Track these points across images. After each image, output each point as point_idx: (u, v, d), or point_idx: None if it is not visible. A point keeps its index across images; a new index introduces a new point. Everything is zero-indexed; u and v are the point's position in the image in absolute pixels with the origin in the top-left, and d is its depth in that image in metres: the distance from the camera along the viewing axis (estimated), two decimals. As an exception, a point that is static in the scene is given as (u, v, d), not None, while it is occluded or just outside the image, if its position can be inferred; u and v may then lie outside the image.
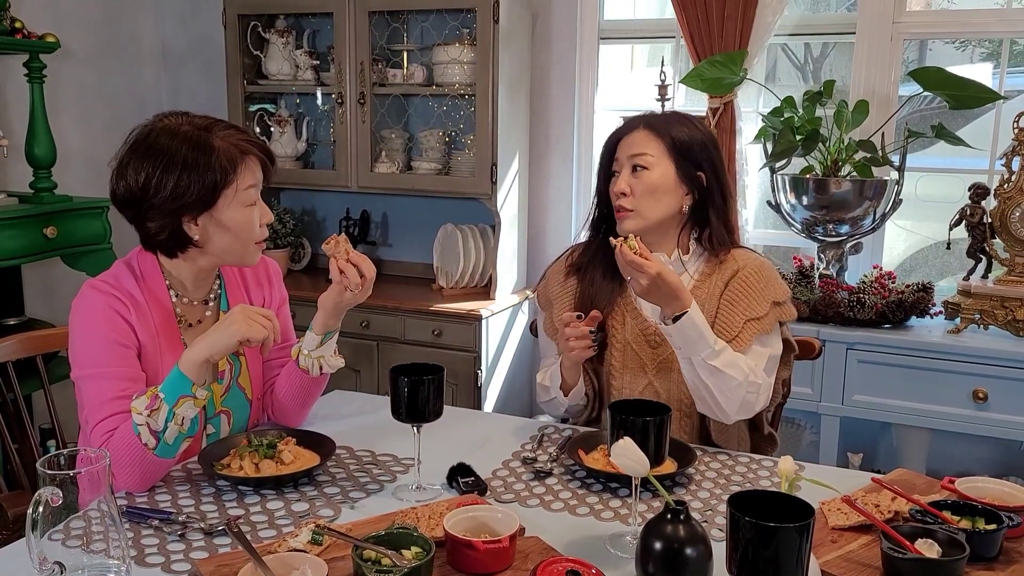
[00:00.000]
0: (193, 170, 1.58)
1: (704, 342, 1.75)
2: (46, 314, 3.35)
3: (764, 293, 1.87)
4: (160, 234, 1.64)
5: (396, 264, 3.85)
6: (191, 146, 1.60)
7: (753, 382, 1.79)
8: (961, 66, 3.32)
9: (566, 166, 3.62)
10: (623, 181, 1.88)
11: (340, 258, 1.68)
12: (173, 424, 1.50)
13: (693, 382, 1.80)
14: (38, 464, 1.11)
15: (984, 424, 2.76)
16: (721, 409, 1.80)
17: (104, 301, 1.62)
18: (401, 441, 1.72)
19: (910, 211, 3.27)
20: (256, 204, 1.68)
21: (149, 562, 1.30)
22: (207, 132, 1.62)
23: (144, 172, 1.59)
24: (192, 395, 1.51)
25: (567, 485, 1.62)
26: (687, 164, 1.88)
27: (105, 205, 3.13)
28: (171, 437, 1.51)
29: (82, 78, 3.63)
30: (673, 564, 1.23)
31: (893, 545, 1.26)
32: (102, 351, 1.59)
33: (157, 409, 1.49)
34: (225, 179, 1.61)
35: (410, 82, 3.45)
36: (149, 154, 1.60)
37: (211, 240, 1.66)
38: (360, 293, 1.71)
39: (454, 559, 1.27)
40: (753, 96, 3.41)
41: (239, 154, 1.63)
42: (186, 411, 1.51)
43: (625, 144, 1.91)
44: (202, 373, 1.52)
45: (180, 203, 1.60)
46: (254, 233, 1.69)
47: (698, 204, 1.91)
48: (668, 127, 1.89)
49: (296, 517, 1.46)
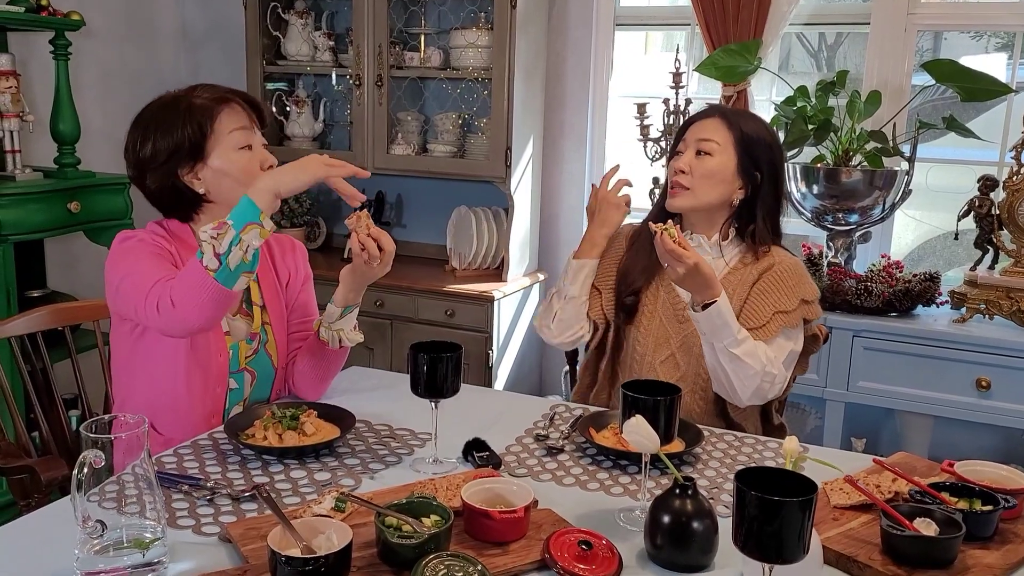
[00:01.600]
0: (169, 125, 1.69)
1: (728, 330, 1.82)
2: (67, 287, 3.41)
3: (795, 289, 1.94)
4: (166, 192, 1.72)
5: (410, 245, 3.90)
6: (164, 106, 1.72)
7: (770, 372, 1.86)
8: (976, 56, 3.34)
9: (579, 151, 3.66)
10: (684, 160, 1.96)
11: (361, 232, 1.73)
12: (237, 249, 1.51)
13: (713, 365, 1.89)
14: (81, 428, 1.17)
15: (987, 412, 2.81)
16: (736, 393, 1.88)
17: (144, 235, 1.72)
18: (418, 416, 1.78)
19: (920, 201, 3.30)
20: (252, 148, 1.75)
21: (181, 524, 1.37)
22: (186, 93, 1.73)
23: (132, 142, 1.73)
24: (260, 223, 1.53)
25: (578, 461, 1.67)
26: (748, 160, 1.95)
27: (126, 181, 3.18)
28: (233, 262, 1.52)
29: (104, 57, 3.67)
30: (681, 536, 1.29)
31: (892, 523, 1.31)
32: (144, 259, 1.66)
33: (224, 233, 1.52)
34: (202, 126, 1.70)
35: (427, 65, 3.50)
36: (137, 124, 1.73)
37: (216, 190, 1.73)
38: (380, 267, 1.75)
39: (471, 528, 1.33)
40: (766, 85, 3.44)
41: (215, 104, 1.72)
42: (252, 239, 1.52)
43: (696, 128, 1.99)
44: (272, 204, 1.55)
45: (168, 159, 1.69)
46: (255, 175, 1.71)
47: (748, 200, 1.98)
48: (740, 121, 1.98)
49: (319, 485, 1.52)
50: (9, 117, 2.91)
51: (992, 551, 1.34)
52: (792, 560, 1.05)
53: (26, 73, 3.13)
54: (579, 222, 3.70)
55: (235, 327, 1.81)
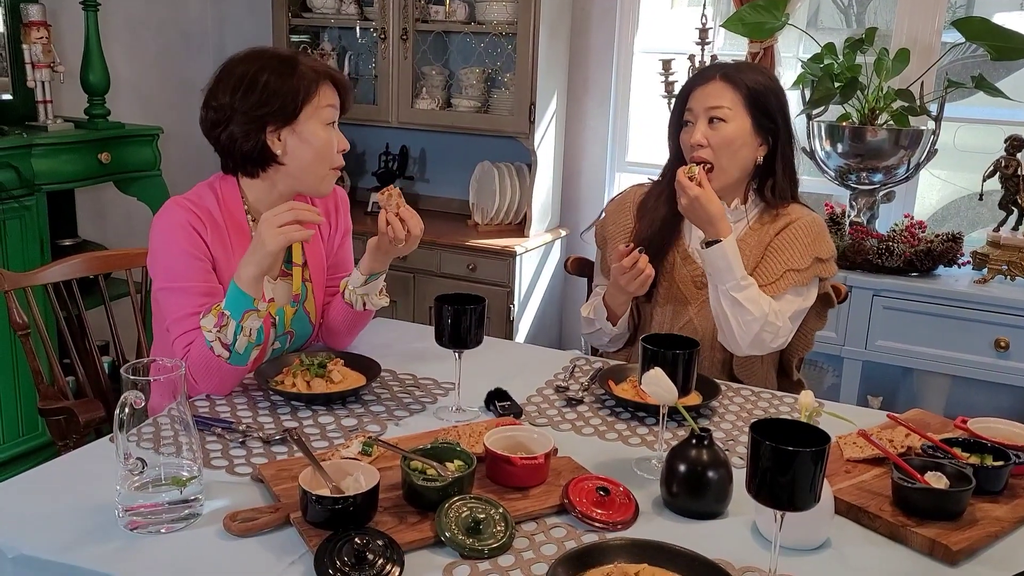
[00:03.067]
0: (278, 82, 1.71)
1: (731, 273, 1.84)
2: (98, 236, 3.48)
3: (810, 247, 1.93)
4: (246, 144, 1.73)
5: (433, 199, 3.93)
6: (276, 64, 1.73)
7: (772, 323, 1.87)
8: (1011, 12, 3.28)
9: (603, 108, 3.65)
10: (699, 132, 1.90)
11: (390, 211, 1.75)
12: (242, 336, 1.61)
13: (715, 309, 1.90)
14: (122, 370, 1.22)
15: (1005, 372, 2.83)
16: (735, 339, 1.89)
17: (181, 216, 1.73)
18: (441, 366, 1.82)
19: (947, 161, 3.28)
20: (334, 126, 1.78)
21: (215, 464, 1.42)
22: (292, 58, 1.75)
23: (230, 89, 1.72)
24: (255, 309, 1.61)
25: (597, 412, 1.71)
26: (762, 115, 1.91)
27: (155, 132, 3.23)
28: (242, 347, 1.62)
29: (131, 9, 3.69)
30: (696, 485, 1.34)
31: (903, 476, 1.35)
32: (180, 263, 1.70)
33: (225, 325, 1.60)
34: (307, 92, 1.72)
35: (452, 19, 3.49)
36: (236, 76, 1.73)
37: (293, 156, 1.75)
38: (405, 247, 1.79)
39: (493, 473, 1.37)
40: (794, 42, 3.41)
41: (320, 76, 1.75)
42: (252, 323, 1.61)
43: (700, 95, 1.92)
44: (259, 288, 1.62)
45: (265, 111, 1.71)
46: (332, 154, 1.77)
47: (770, 154, 1.95)
48: (743, 77, 1.91)
49: (346, 431, 1.57)
50: (41, 68, 2.95)
51: (1001, 505, 1.37)
52: (803, 508, 1.09)
53: (56, 24, 3.16)
54: (601, 178, 3.71)
55: (278, 292, 1.80)
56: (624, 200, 2.12)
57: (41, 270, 2.07)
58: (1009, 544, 1.30)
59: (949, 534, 1.27)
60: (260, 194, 1.81)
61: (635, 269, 1.84)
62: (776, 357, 2.08)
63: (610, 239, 2.09)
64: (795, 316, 1.94)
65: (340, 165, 1.81)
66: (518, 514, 1.28)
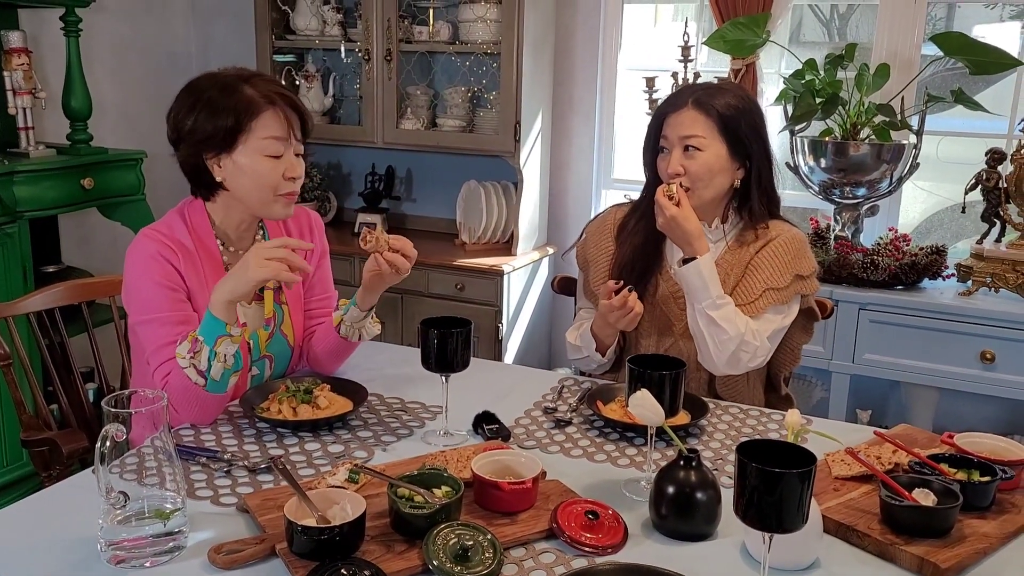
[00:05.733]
0: (214, 110, 1.69)
1: (706, 292, 1.84)
2: (82, 262, 3.46)
3: (790, 265, 1.92)
4: (187, 167, 1.74)
5: (420, 219, 3.93)
6: (219, 88, 1.71)
7: (748, 342, 1.87)
8: (989, 24, 3.32)
9: (588, 125, 3.67)
10: (676, 161, 1.89)
11: (383, 251, 1.74)
12: (217, 362, 1.59)
13: (693, 327, 1.90)
14: (103, 402, 1.21)
15: (991, 384, 2.84)
16: (711, 357, 1.89)
17: (154, 248, 1.72)
18: (428, 390, 1.82)
19: (930, 172, 3.30)
20: (281, 157, 1.73)
21: (199, 495, 1.41)
22: (242, 80, 1.72)
23: (177, 109, 1.73)
24: (228, 335, 1.60)
25: (586, 434, 1.71)
26: (736, 141, 1.90)
27: (139, 157, 3.21)
28: (217, 374, 1.60)
29: (115, 31, 3.69)
30: (685, 506, 1.33)
31: (891, 493, 1.35)
32: (154, 296, 1.69)
33: (199, 351, 1.59)
34: (240, 124, 1.69)
35: (436, 39, 3.50)
36: (187, 93, 1.73)
37: (233, 183, 1.74)
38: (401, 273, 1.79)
39: (481, 498, 1.37)
40: (775, 58, 3.44)
41: (265, 103, 1.70)
42: (226, 349, 1.60)
43: (674, 122, 1.91)
44: (231, 314, 1.60)
45: (200, 138, 1.70)
46: (274, 183, 1.73)
47: (748, 176, 1.95)
48: (715, 103, 1.88)
49: (332, 458, 1.56)
50: (22, 94, 2.94)
51: (989, 520, 1.37)
52: (791, 529, 1.09)
53: (37, 50, 3.16)
54: (588, 195, 3.72)
55: (250, 316, 1.81)
56: (604, 221, 2.11)
57: (23, 299, 2.05)
58: (998, 560, 1.30)
59: (938, 551, 1.27)
60: (222, 216, 1.81)
61: (624, 308, 1.85)
62: (764, 373, 2.08)
63: (592, 261, 2.09)
64: (774, 335, 1.94)
65: (288, 191, 1.76)
66: (507, 540, 1.28)
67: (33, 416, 2.00)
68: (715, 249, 1.96)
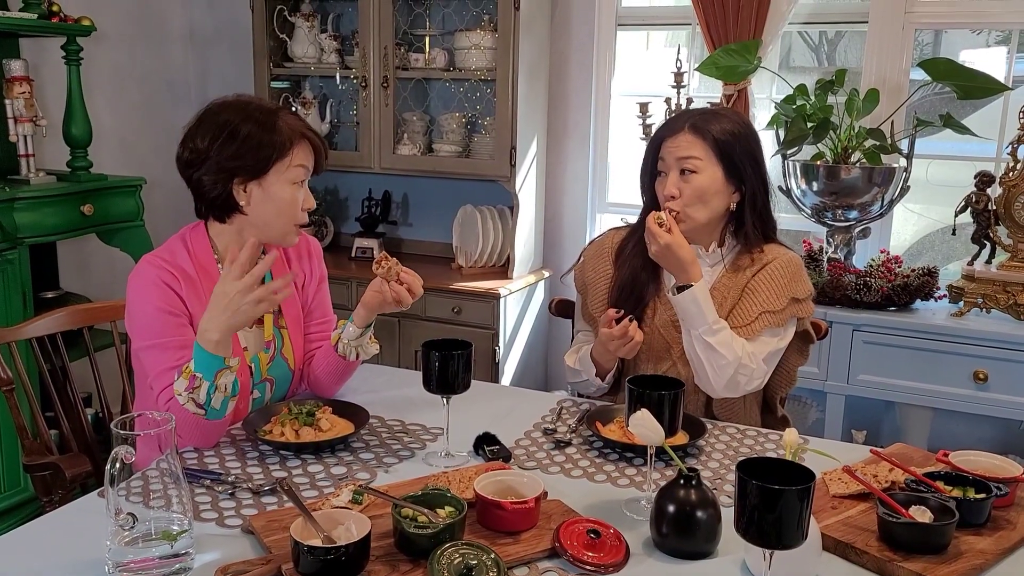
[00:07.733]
0: (256, 137, 1.74)
1: (702, 318, 1.86)
2: (80, 287, 3.47)
3: (786, 288, 1.95)
4: (212, 191, 1.76)
5: (417, 243, 3.96)
6: (256, 120, 1.76)
7: (746, 366, 1.89)
8: (976, 50, 3.38)
9: (583, 150, 3.71)
10: (672, 184, 1.93)
11: (391, 279, 1.79)
12: (217, 392, 1.61)
13: (689, 353, 1.92)
14: (112, 425, 1.23)
15: (984, 404, 2.86)
16: (709, 382, 1.91)
17: (155, 274, 1.74)
18: (429, 412, 1.83)
19: (920, 195, 3.34)
20: (302, 186, 1.81)
21: (204, 517, 1.42)
22: (274, 114, 1.78)
23: (210, 136, 1.75)
24: (227, 367, 1.62)
25: (585, 454, 1.73)
26: (731, 164, 1.93)
27: (138, 183, 3.24)
28: (218, 403, 1.62)
29: (114, 59, 3.73)
30: (685, 525, 1.35)
31: (888, 511, 1.37)
32: (156, 321, 1.71)
33: (198, 387, 1.60)
34: (281, 151, 1.75)
35: (432, 66, 3.54)
36: (217, 124, 1.75)
37: (256, 209, 1.78)
38: None
39: (484, 518, 1.38)
40: (767, 83, 3.49)
41: (296, 135, 1.78)
42: (226, 379, 1.62)
43: (671, 146, 1.95)
44: (229, 347, 1.62)
45: (237, 164, 1.74)
46: (295, 212, 1.81)
47: (743, 200, 1.97)
48: (710, 127, 1.92)
49: (335, 479, 1.57)
50: (23, 122, 2.97)
51: (985, 537, 1.39)
52: (791, 545, 1.10)
53: (38, 78, 3.19)
54: (583, 219, 3.75)
55: (250, 339, 1.85)
56: (602, 245, 2.14)
57: (26, 324, 2.06)
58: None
59: (935, 568, 1.28)
60: (229, 240, 1.83)
61: (625, 337, 1.87)
62: (760, 395, 2.10)
63: (590, 284, 2.11)
64: (770, 357, 1.96)
65: (303, 222, 1.85)
66: (510, 559, 1.29)
67: (35, 441, 2.01)
68: (712, 272, 1.99)
